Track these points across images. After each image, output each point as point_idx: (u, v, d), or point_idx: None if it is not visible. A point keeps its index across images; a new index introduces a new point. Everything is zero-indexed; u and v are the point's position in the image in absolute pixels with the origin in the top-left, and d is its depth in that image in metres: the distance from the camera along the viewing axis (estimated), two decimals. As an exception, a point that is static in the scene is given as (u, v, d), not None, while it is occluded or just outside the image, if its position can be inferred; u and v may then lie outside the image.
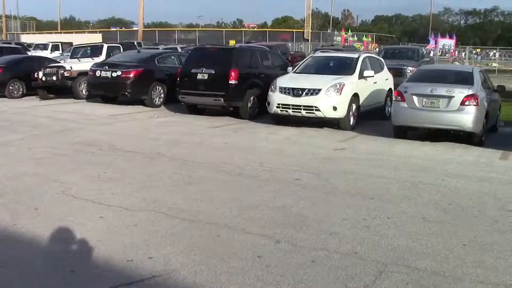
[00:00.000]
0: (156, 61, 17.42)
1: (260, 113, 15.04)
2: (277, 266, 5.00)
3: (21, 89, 20.16)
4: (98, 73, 16.79)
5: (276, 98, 13.52)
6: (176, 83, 15.98)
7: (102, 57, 19.79)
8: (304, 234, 5.88)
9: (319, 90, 13.16)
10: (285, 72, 15.60)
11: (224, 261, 5.10)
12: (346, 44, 57.93)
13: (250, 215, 6.48)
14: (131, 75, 16.33)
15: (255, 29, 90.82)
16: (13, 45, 26.67)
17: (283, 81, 13.95)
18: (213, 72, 14.68)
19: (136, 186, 7.73)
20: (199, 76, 14.82)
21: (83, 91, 18.79)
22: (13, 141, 11.03)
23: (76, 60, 20.22)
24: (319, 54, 15.85)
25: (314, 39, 61.03)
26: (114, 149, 10.36)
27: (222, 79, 14.50)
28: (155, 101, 16.92)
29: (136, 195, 7.24)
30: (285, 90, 13.49)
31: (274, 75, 15.57)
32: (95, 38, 61.39)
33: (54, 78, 18.54)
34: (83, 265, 5.03)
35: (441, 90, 11.88)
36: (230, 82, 14.42)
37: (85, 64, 19.22)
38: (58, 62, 21.28)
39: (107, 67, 16.72)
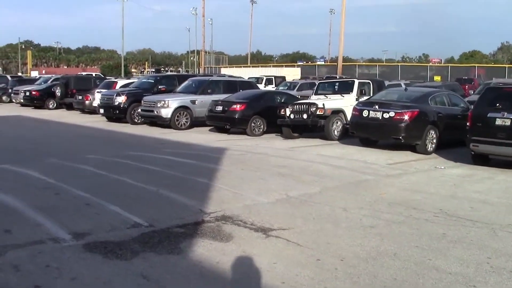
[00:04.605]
0: (429, 101, 15.17)
1: None
2: None
3: (262, 126, 19.08)
4: (365, 113, 14.93)
5: None
6: (446, 127, 14.88)
7: (354, 93, 17.88)
8: None
9: None
10: None
11: None
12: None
13: None
14: (406, 117, 14.24)
15: (441, 63, 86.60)
16: (246, 80, 26.05)
17: None
18: None
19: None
20: (498, 122, 12.28)
21: (335, 131, 17.13)
22: (314, 196, 9.35)
23: (323, 96, 18.59)
24: None
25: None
26: (449, 215, 8.20)
27: None
28: (428, 147, 14.63)
29: None
30: None
31: None
32: (294, 72, 61.48)
33: (305, 116, 17.08)
34: None
35: None
36: None
37: (337, 102, 17.67)
38: (300, 98, 20.02)
39: (377, 107, 14.79)
